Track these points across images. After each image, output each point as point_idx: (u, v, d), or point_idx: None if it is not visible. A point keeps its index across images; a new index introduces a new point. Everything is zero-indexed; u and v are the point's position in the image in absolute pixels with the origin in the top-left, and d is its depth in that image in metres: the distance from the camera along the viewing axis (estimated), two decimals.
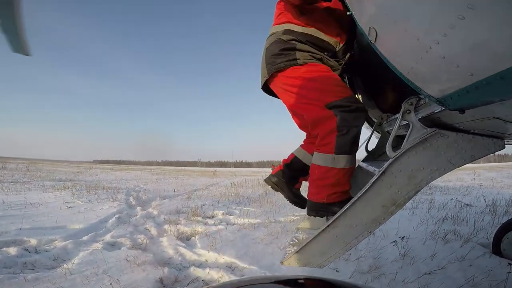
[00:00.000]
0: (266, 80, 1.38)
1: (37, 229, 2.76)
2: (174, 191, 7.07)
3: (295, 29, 1.31)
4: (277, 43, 1.31)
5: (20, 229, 2.68)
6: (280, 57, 1.28)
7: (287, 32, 1.31)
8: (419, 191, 0.97)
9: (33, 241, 2.31)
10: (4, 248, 2.12)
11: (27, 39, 0.64)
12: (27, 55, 0.70)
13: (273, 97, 1.50)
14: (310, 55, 1.27)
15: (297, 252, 1.15)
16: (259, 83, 1.47)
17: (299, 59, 1.24)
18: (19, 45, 0.66)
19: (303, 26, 1.30)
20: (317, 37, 1.30)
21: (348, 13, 0.97)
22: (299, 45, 1.27)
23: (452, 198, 4.58)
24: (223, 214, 3.95)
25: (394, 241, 2.28)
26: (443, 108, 0.75)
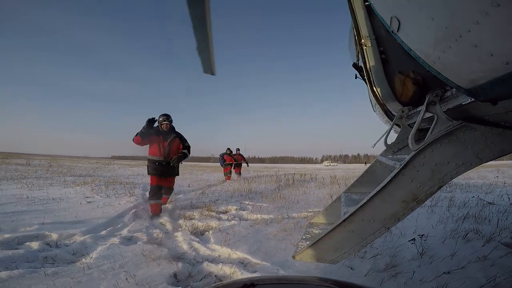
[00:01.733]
0: None
1: (58, 223, 2.86)
2: (189, 186, 7.18)
3: None
4: None
5: (43, 223, 2.79)
6: None
7: None
8: (442, 186, 0.92)
9: (54, 236, 2.40)
10: (27, 243, 2.21)
11: (214, 60, 0.69)
12: (213, 74, 0.76)
13: None
14: None
15: (310, 246, 1.12)
16: (274, 80, 1.45)
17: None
18: (209, 66, 0.71)
19: None
20: None
21: (366, 3, 0.92)
22: None
23: (473, 196, 4.40)
24: (236, 209, 3.97)
25: (412, 239, 2.22)
26: (473, 99, 0.70)
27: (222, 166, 10.61)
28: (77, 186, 6.23)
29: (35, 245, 2.15)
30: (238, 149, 11.46)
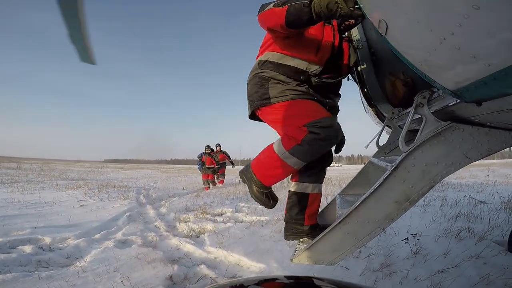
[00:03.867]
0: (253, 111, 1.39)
1: (51, 227, 2.83)
2: (183, 189, 7.15)
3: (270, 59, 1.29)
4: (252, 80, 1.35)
5: (35, 227, 2.75)
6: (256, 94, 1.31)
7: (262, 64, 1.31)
8: (433, 186, 0.94)
9: (47, 239, 2.37)
10: (19, 247, 2.17)
11: (92, 48, 0.68)
12: (92, 63, 0.74)
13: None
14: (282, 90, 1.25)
15: (307, 249, 1.13)
16: None
17: (272, 98, 1.26)
18: (86, 54, 0.70)
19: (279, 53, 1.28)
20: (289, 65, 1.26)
21: (356, 6, 0.94)
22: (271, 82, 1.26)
23: (465, 195, 4.46)
24: (231, 211, 3.97)
25: (405, 239, 2.24)
26: (458, 100, 0.72)
27: (200, 171, 8.19)
28: (70, 189, 6.15)
29: (28, 249, 2.12)
30: (219, 145, 8.93)
